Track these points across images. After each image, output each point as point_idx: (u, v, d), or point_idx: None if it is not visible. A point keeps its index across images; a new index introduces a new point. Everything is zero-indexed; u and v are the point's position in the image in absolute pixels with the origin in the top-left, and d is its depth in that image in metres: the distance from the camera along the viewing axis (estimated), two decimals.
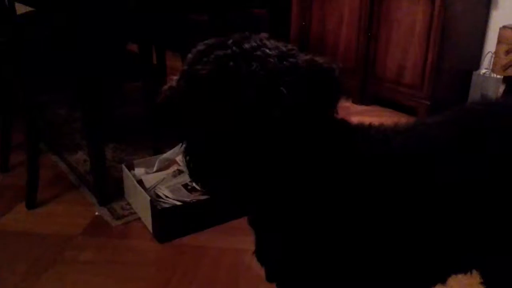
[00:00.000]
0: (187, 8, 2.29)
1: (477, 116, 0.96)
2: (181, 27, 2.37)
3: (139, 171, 1.98)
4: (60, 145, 2.47)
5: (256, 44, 0.82)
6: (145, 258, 1.67)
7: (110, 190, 2.00)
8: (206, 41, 0.87)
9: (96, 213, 1.90)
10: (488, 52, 2.83)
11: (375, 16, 2.89)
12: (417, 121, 1.03)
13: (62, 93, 2.83)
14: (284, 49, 0.83)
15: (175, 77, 0.88)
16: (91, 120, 1.92)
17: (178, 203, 1.78)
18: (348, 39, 3.06)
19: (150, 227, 1.78)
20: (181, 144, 0.87)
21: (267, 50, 0.81)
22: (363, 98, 3.08)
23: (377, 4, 2.86)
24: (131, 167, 1.99)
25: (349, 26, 3.03)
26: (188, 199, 1.78)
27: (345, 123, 0.90)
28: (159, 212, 1.72)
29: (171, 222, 1.75)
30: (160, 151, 2.13)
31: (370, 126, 0.93)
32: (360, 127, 0.92)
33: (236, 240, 1.71)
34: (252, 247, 0.98)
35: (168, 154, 2.03)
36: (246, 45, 0.81)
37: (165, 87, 0.89)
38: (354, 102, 3.09)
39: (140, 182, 1.90)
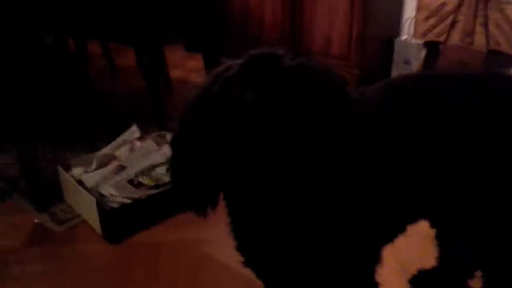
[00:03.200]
0: None
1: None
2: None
3: (77, 170, 1.86)
4: None
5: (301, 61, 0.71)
6: (99, 262, 1.59)
7: (46, 194, 1.86)
8: (236, 61, 0.71)
9: (36, 221, 1.77)
10: (408, 18, 2.94)
11: None
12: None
13: None
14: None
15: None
16: (14, 116, 1.74)
17: (127, 200, 1.70)
18: (274, 12, 3.04)
19: (98, 229, 1.69)
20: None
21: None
22: None
23: None
24: (67, 168, 1.87)
25: None
26: (137, 196, 1.71)
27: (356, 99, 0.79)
28: (107, 212, 1.63)
29: (121, 221, 1.67)
30: (96, 146, 2.02)
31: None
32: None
33: (192, 232, 1.67)
34: (209, 236, 0.90)
35: (107, 150, 1.93)
36: (288, 61, 0.70)
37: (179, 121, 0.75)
38: None
39: (80, 182, 1.79)
